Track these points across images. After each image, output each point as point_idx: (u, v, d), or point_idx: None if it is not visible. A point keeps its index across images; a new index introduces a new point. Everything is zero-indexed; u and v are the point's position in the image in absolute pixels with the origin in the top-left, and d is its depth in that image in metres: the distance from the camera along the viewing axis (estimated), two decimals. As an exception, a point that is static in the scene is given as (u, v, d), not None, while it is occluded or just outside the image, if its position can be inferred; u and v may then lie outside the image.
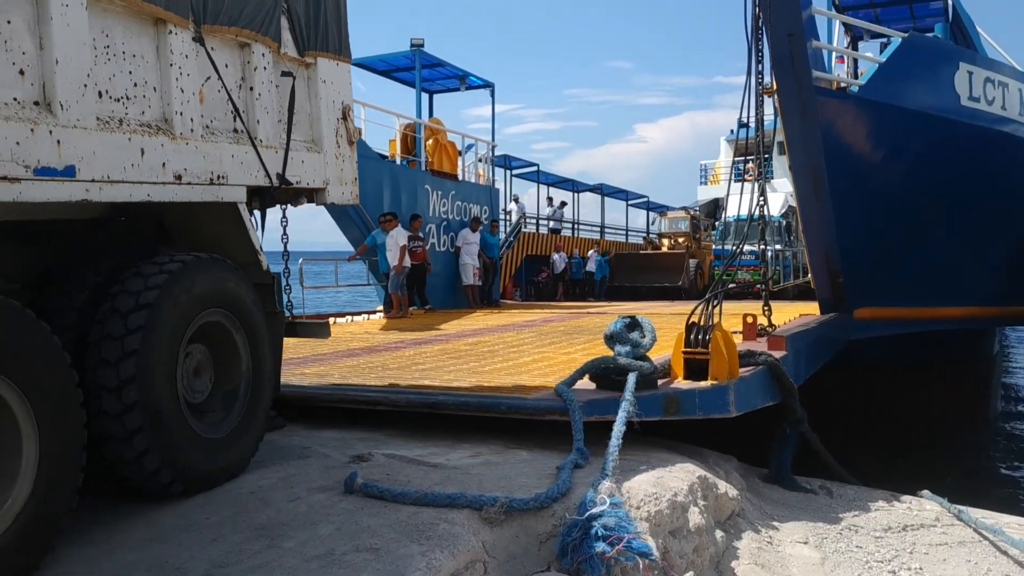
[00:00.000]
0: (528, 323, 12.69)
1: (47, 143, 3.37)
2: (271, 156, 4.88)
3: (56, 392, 3.29)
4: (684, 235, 29.72)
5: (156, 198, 4.03)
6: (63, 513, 3.35)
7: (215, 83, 4.50)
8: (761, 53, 8.28)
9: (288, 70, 5.13)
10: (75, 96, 3.55)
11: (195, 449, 4.14)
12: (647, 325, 5.81)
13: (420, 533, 3.64)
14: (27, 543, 3.16)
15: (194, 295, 4.16)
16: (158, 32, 4.13)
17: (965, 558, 5.16)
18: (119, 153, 3.79)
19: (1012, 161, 12.98)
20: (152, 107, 4.11)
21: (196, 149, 4.30)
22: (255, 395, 4.62)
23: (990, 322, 14.45)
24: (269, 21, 4.88)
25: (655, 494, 4.47)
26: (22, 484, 3.14)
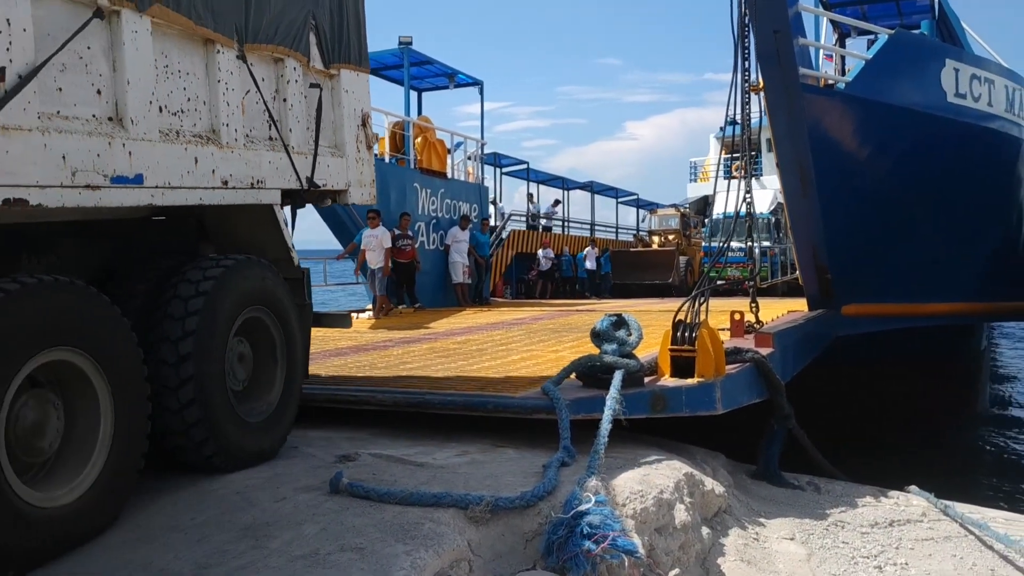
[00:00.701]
0: (517, 321, 12.69)
1: (121, 154, 3.84)
2: (301, 161, 5.32)
3: (127, 368, 3.79)
4: (674, 232, 29.77)
5: (207, 201, 4.51)
6: (133, 476, 3.86)
7: (254, 96, 4.94)
8: (748, 50, 8.30)
9: (316, 82, 5.57)
10: (142, 112, 4.01)
11: (237, 429, 4.57)
12: (633, 323, 5.82)
13: (405, 533, 3.64)
14: (105, 501, 3.68)
15: (241, 292, 4.65)
16: (207, 51, 4.58)
17: (951, 553, 5.18)
18: (177, 162, 4.25)
19: (998, 157, 13.05)
20: (202, 119, 4.56)
21: (239, 156, 4.76)
22: (288, 384, 5.06)
23: (977, 318, 14.52)
24: (300, 37, 5.33)
25: (641, 491, 4.47)
26: (101, 449, 3.66)
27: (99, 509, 3.64)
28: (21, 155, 3.34)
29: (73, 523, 3.50)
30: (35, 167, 3.40)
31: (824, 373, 10.07)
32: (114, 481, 3.71)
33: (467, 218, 17.77)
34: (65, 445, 3.60)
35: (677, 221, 30.01)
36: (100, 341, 3.67)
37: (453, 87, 20.73)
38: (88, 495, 3.57)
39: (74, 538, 3.51)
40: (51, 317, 3.46)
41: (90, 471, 3.61)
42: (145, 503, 4.12)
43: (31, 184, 3.38)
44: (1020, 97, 13.58)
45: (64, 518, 3.45)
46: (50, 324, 3.45)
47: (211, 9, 4.50)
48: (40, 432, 3.48)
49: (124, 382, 3.76)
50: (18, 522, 3.21)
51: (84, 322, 3.61)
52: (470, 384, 6.12)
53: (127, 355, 3.82)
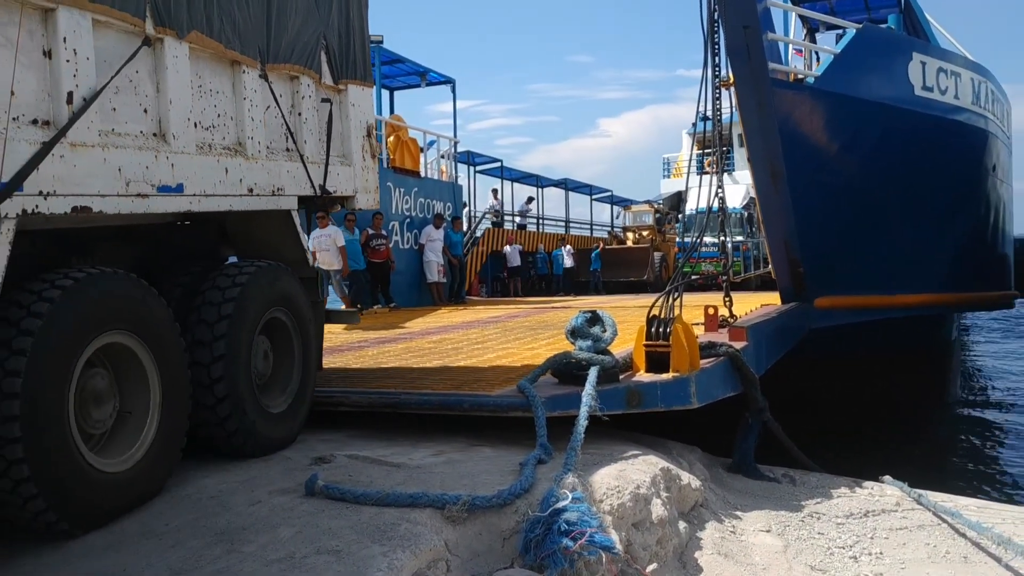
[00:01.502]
0: (493, 319, 12.67)
1: (165, 166, 4.32)
2: (315, 170, 5.80)
3: (173, 352, 4.27)
4: (648, 228, 29.93)
5: (236, 208, 4.97)
6: (177, 451, 4.33)
7: (274, 111, 5.41)
8: (718, 46, 8.34)
9: (327, 97, 6.05)
10: (182, 128, 4.48)
11: (262, 420, 5.00)
12: (608, 319, 5.83)
13: (382, 534, 3.61)
14: (153, 471, 4.14)
15: (264, 296, 5.10)
16: (234, 72, 5.06)
17: (924, 541, 5.24)
18: (211, 172, 4.71)
19: (965, 149, 13.22)
20: (230, 133, 5.03)
21: (262, 166, 5.23)
22: (304, 377, 5.52)
23: (947, 308, 14.71)
24: (313, 57, 5.80)
25: (618, 487, 4.48)
26: (151, 423, 4.12)
27: (150, 478, 4.13)
28: (85, 168, 3.81)
29: (129, 488, 3.98)
30: (97, 179, 3.86)
31: (798, 365, 10.14)
32: (162, 454, 4.19)
33: (441, 217, 17.72)
34: (120, 420, 4.06)
35: (651, 217, 30.16)
36: (150, 327, 4.13)
37: (425, 85, 20.67)
38: (140, 464, 4.05)
39: (130, 502, 3.99)
40: (110, 303, 3.92)
41: (141, 444, 4.08)
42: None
43: (94, 193, 3.84)
44: (986, 90, 13.77)
45: (121, 484, 3.93)
46: (109, 310, 3.91)
47: (238, 33, 4.98)
48: (100, 406, 3.93)
49: (170, 365, 4.24)
50: (87, 481, 3.70)
51: (137, 309, 4.08)
52: (446, 383, 6.09)
53: (172, 340, 4.30)
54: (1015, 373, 20.36)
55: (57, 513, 3.59)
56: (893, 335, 12.99)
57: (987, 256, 14.92)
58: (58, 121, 3.72)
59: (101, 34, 3.96)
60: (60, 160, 3.67)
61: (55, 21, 3.69)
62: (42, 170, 3.58)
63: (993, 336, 27.27)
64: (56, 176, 3.66)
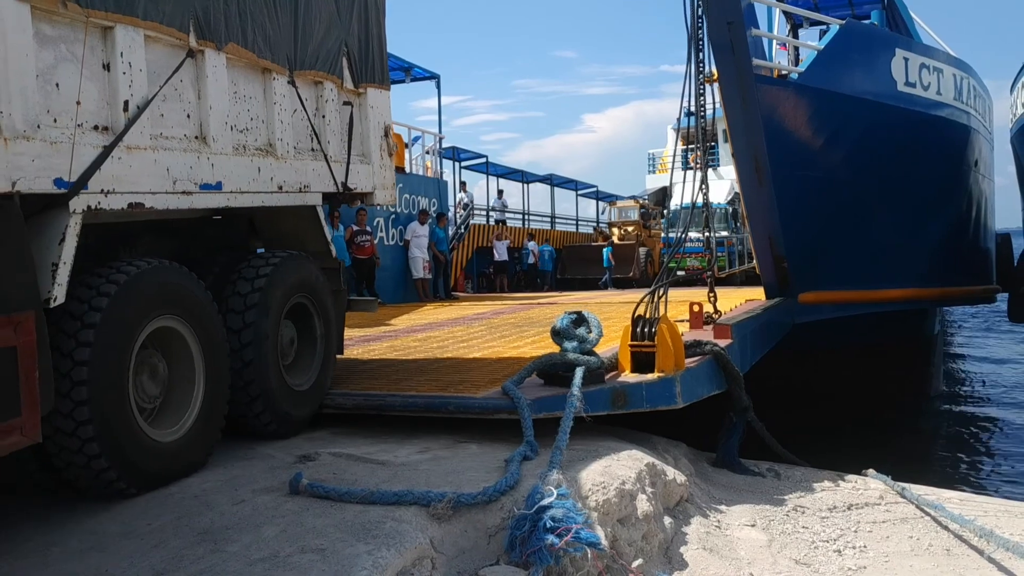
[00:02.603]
0: (478, 316, 12.64)
1: (206, 166, 4.76)
2: (337, 168, 6.22)
3: (215, 336, 4.71)
4: (633, 224, 29.98)
5: (267, 203, 5.44)
6: (219, 425, 4.75)
7: (300, 114, 5.82)
8: (702, 42, 8.34)
9: (348, 100, 6.46)
10: (220, 131, 4.92)
11: (288, 399, 5.41)
12: (593, 320, 5.85)
13: (367, 532, 3.60)
14: (198, 444, 4.58)
15: (288, 284, 5.50)
16: (265, 79, 5.48)
17: (907, 534, 5.27)
18: (245, 171, 5.15)
19: (947, 145, 13.30)
20: (262, 135, 5.45)
21: (290, 165, 5.65)
22: (326, 359, 5.94)
23: (929, 303, 14.80)
24: (335, 63, 6.23)
25: (603, 483, 4.49)
26: (196, 399, 4.56)
27: (195, 449, 4.56)
28: (139, 168, 4.26)
29: (177, 457, 4.41)
30: (148, 178, 4.32)
31: (782, 360, 10.19)
32: (205, 428, 4.63)
33: (426, 212, 17.68)
34: (169, 396, 4.50)
35: (636, 213, 30.21)
36: (196, 313, 4.56)
37: (409, 81, 20.61)
38: (187, 436, 4.48)
39: (178, 470, 4.42)
40: (162, 291, 4.36)
41: (188, 418, 4.52)
42: (98, 509, 4.04)
43: (146, 191, 4.31)
44: (968, 86, 13.86)
45: (171, 452, 4.36)
46: (161, 296, 4.35)
47: (269, 44, 5.41)
48: (152, 383, 4.38)
49: (213, 347, 4.68)
50: (142, 447, 4.14)
51: (185, 297, 4.51)
52: (431, 384, 6.08)
53: (215, 325, 4.73)
54: (997, 366, 20.58)
55: (117, 472, 4.01)
56: (877, 329, 13.07)
57: (969, 251, 15.03)
58: (115, 127, 4.13)
59: (151, 48, 4.40)
60: (118, 161, 4.10)
61: (113, 37, 4.12)
62: (103, 170, 4.00)
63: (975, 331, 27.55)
64: (115, 176, 4.09)
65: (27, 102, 3.59)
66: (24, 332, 3.48)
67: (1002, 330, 25.68)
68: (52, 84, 3.81)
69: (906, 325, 14.35)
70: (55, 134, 3.78)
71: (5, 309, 3.42)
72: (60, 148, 3.77)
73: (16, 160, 3.52)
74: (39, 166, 3.66)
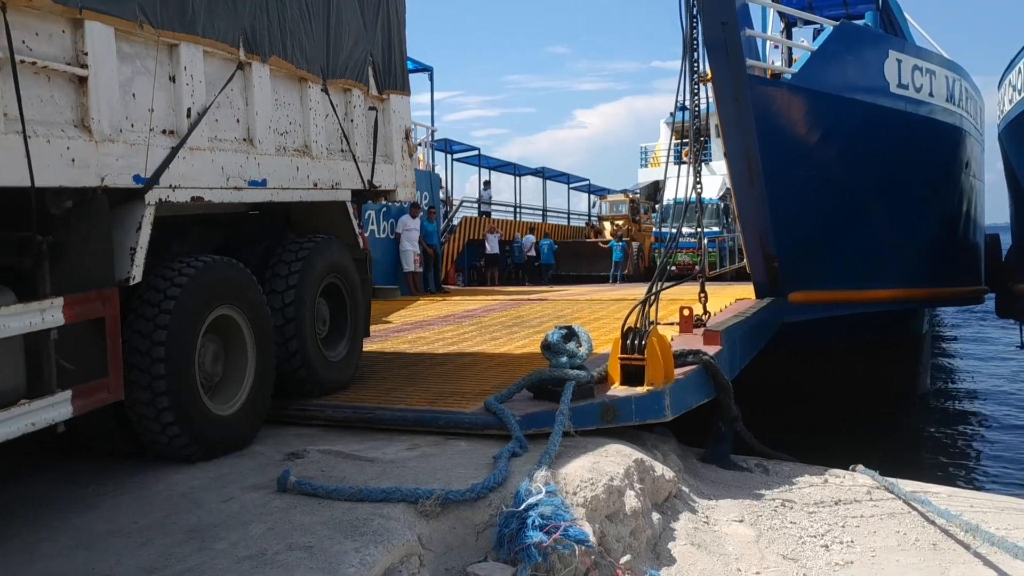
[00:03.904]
0: (469, 313, 12.61)
1: (253, 165, 5.41)
2: (364, 167, 6.92)
3: (264, 322, 5.34)
4: (623, 218, 30.01)
5: (305, 199, 6.11)
6: (268, 401, 5.37)
7: (332, 118, 6.50)
8: (696, 41, 8.32)
9: (373, 106, 7.14)
10: (265, 134, 5.58)
11: (324, 367, 6.19)
12: (583, 335, 5.91)
13: (354, 529, 3.61)
14: (249, 419, 5.17)
15: (323, 264, 6.22)
16: (302, 87, 6.13)
17: (894, 529, 5.29)
18: (286, 170, 5.80)
19: (939, 147, 13.34)
20: (299, 138, 6.10)
21: (323, 165, 6.31)
22: (354, 335, 6.76)
23: (918, 303, 14.86)
24: (362, 72, 6.91)
25: (591, 479, 4.50)
26: (248, 376, 5.18)
27: (248, 421, 5.15)
28: (199, 167, 4.87)
29: (233, 429, 5.00)
30: (207, 175, 4.94)
31: (772, 359, 10.22)
32: (256, 402, 5.24)
33: (417, 206, 17.61)
34: (225, 375, 5.10)
35: (627, 207, 30.24)
36: (249, 302, 5.19)
37: (402, 74, 20.47)
38: (241, 410, 5.09)
39: (234, 440, 5.00)
40: (223, 283, 4.97)
41: (241, 394, 5.12)
42: (85, 507, 4.04)
43: (205, 187, 4.93)
44: (960, 88, 13.90)
45: (228, 424, 4.96)
46: (221, 288, 4.95)
47: (305, 56, 6.06)
48: (212, 363, 4.97)
49: (263, 332, 5.31)
50: (206, 418, 4.74)
51: (241, 290, 5.14)
52: (420, 397, 6.09)
53: (264, 313, 5.37)
54: (984, 363, 20.73)
55: (186, 439, 4.60)
56: (866, 329, 13.12)
57: (959, 253, 15.10)
58: (180, 131, 4.75)
59: (208, 61, 5.02)
60: (183, 161, 4.71)
61: (178, 53, 4.74)
62: (171, 168, 4.60)
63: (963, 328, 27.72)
64: (180, 173, 4.69)
65: (112, 110, 4.21)
66: (110, 305, 4.15)
67: (989, 327, 25.85)
68: (130, 94, 4.42)
69: (895, 325, 14.41)
70: (133, 137, 4.38)
71: (96, 285, 4.10)
72: (137, 149, 4.38)
73: (104, 160, 4.12)
74: (121, 164, 4.25)
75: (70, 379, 3.93)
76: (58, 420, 3.83)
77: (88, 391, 3.99)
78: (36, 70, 3.79)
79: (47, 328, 3.79)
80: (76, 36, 4.03)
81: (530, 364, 6.86)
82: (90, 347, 4.06)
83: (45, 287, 3.89)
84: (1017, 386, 17.73)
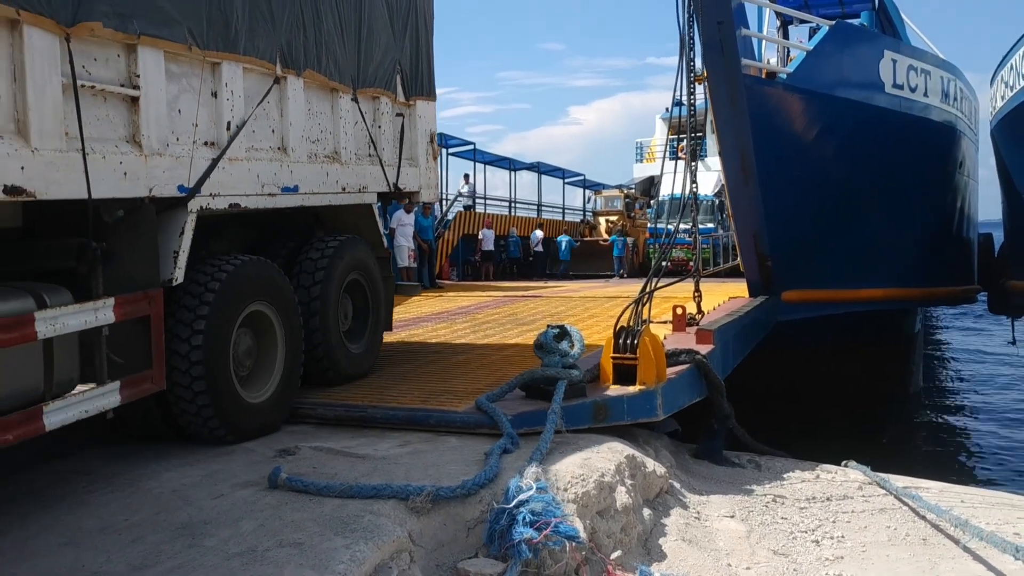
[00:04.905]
0: (462, 310, 12.58)
1: (287, 172, 5.75)
2: (390, 171, 7.26)
3: (293, 317, 5.69)
4: (618, 213, 30.00)
5: (334, 202, 6.50)
6: (295, 388, 5.71)
7: (360, 125, 6.81)
8: (692, 41, 8.32)
9: (400, 112, 7.47)
10: (298, 142, 5.90)
11: (346, 358, 6.59)
12: (575, 334, 5.91)
13: (345, 526, 3.61)
14: (279, 404, 5.52)
15: (347, 261, 6.62)
16: (333, 97, 6.45)
17: (885, 524, 5.30)
18: (317, 176, 6.14)
19: (933, 147, 13.36)
20: (329, 145, 6.43)
21: (352, 170, 6.64)
22: (376, 328, 7.19)
23: (911, 303, 14.90)
24: (391, 80, 7.25)
25: (582, 475, 4.51)
26: (278, 367, 5.53)
27: (277, 408, 5.49)
28: (237, 175, 5.21)
29: (264, 414, 5.34)
30: (244, 183, 5.27)
31: (765, 356, 10.23)
32: (285, 391, 5.57)
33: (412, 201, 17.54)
34: (257, 365, 5.45)
35: (621, 202, 30.23)
36: (279, 299, 5.54)
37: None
38: (271, 398, 5.43)
39: (264, 425, 5.32)
40: (256, 281, 5.32)
41: (272, 383, 5.46)
42: (75, 504, 4.03)
43: (242, 194, 5.27)
44: (955, 88, 13.92)
45: (260, 410, 5.31)
46: (255, 286, 5.31)
47: (338, 68, 6.38)
48: (246, 355, 5.33)
49: (292, 327, 5.65)
50: (239, 405, 5.11)
51: (274, 287, 5.50)
52: (412, 395, 6.09)
53: (294, 308, 5.71)
54: (976, 361, 20.79)
55: (220, 423, 4.94)
56: (859, 328, 13.14)
57: (952, 252, 15.14)
58: (220, 143, 5.08)
59: (247, 77, 5.34)
60: (222, 171, 5.04)
61: (220, 71, 5.05)
62: (212, 178, 4.93)
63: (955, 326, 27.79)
64: (220, 182, 5.02)
65: (160, 126, 4.55)
66: (156, 305, 4.55)
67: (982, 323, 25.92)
68: (176, 110, 4.74)
69: (888, 324, 14.45)
70: (178, 150, 4.71)
71: (143, 286, 4.47)
72: (182, 161, 4.72)
73: (152, 172, 4.46)
74: (167, 176, 4.59)
75: (119, 371, 4.30)
76: (108, 408, 4.20)
77: (135, 382, 4.38)
78: (94, 92, 4.15)
79: (100, 325, 4.15)
80: (130, 60, 4.38)
81: (523, 362, 6.88)
82: (137, 342, 4.44)
83: (98, 288, 4.24)
84: (1009, 383, 17.80)
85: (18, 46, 3.71)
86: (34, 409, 3.79)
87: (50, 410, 3.84)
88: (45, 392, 3.97)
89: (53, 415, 3.85)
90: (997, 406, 15.57)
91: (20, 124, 3.73)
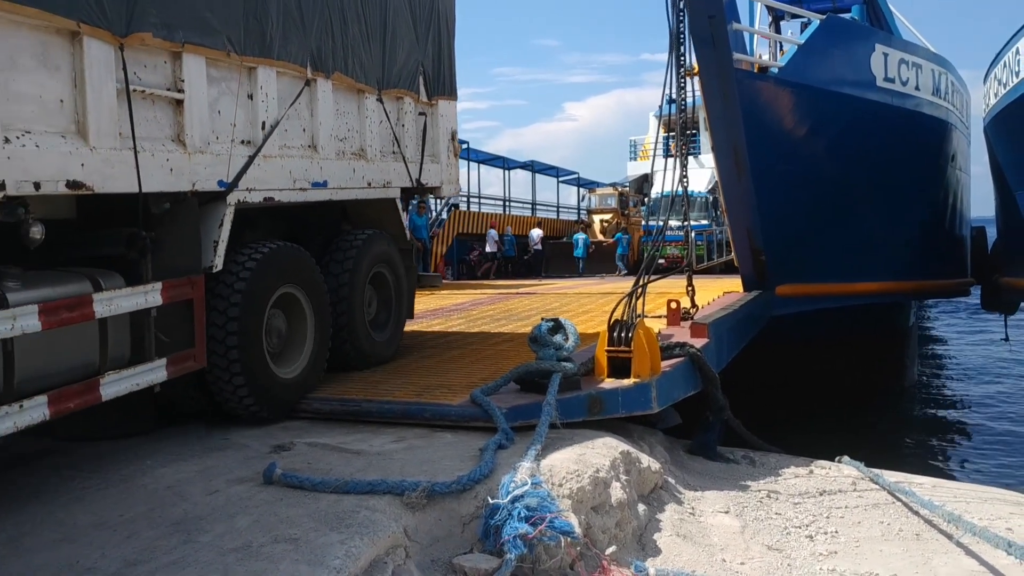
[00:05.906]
0: (457, 307, 12.60)
1: (316, 168, 6.20)
2: (413, 168, 7.70)
3: (322, 300, 6.12)
4: (612, 211, 29.99)
5: (360, 197, 6.95)
6: (323, 366, 6.15)
7: (385, 124, 7.26)
8: (683, 35, 8.32)
9: (423, 111, 7.91)
10: (327, 141, 6.32)
11: (370, 345, 7.04)
12: (570, 328, 5.90)
13: (340, 521, 3.61)
14: (307, 380, 5.92)
15: (373, 255, 7.08)
16: (359, 97, 6.90)
17: (878, 520, 5.33)
18: (344, 172, 6.58)
19: (925, 140, 13.39)
20: (356, 143, 6.87)
21: (377, 166, 7.08)
22: (398, 317, 7.67)
23: (904, 296, 14.94)
24: (413, 81, 7.68)
25: (577, 471, 4.51)
26: (307, 346, 5.95)
27: (306, 383, 5.88)
28: (271, 172, 5.63)
29: (294, 389, 5.72)
30: (277, 178, 5.70)
31: (759, 351, 10.25)
32: (313, 368, 6.00)
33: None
34: (287, 344, 5.86)
35: (615, 200, 30.22)
36: (309, 282, 5.96)
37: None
38: (301, 374, 5.84)
39: (295, 398, 5.72)
40: (286, 266, 5.71)
41: (302, 360, 5.88)
42: (70, 500, 4.03)
43: (275, 188, 5.69)
44: (946, 81, 13.94)
45: (289, 385, 5.70)
46: (285, 270, 5.70)
47: (364, 70, 6.81)
48: (277, 334, 5.73)
49: (320, 308, 6.07)
50: (272, 382, 5.50)
51: (303, 271, 5.90)
52: (407, 389, 6.11)
53: (322, 292, 6.13)
54: (969, 356, 20.86)
55: (254, 398, 5.32)
56: (853, 322, 13.17)
57: (945, 246, 15.17)
58: (255, 141, 5.49)
59: (280, 79, 5.77)
60: (258, 167, 5.45)
61: (256, 74, 5.50)
62: (248, 174, 5.33)
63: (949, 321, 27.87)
64: (256, 178, 5.43)
65: (202, 126, 4.96)
66: (198, 289, 4.97)
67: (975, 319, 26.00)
68: (216, 112, 5.14)
69: (882, 317, 14.47)
70: (218, 148, 5.13)
71: (187, 272, 4.89)
72: (221, 158, 5.13)
73: (195, 168, 4.88)
74: (208, 172, 5.01)
75: (165, 349, 4.72)
76: (155, 382, 4.62)
77: (179, 359, 4.81)
78: (144, 96, 4.57)
79: (149, 307, 4.57)
80: (175, 66, 4.80)
81: (518, 357, 6.87)
82: (181, 323, 4.87)
83: (148, 274, 4.64)
84: (1002, 378, 17.87)
85: (78, 55, 4.08)
86: (92, 380, 4.16)
87: (106, 382, 4.22)
88: (100, 366, 4.33)
89: (108, 387, 4.23)
90: (991, 402, 15.64)
91: (80, 125, 4.09)
